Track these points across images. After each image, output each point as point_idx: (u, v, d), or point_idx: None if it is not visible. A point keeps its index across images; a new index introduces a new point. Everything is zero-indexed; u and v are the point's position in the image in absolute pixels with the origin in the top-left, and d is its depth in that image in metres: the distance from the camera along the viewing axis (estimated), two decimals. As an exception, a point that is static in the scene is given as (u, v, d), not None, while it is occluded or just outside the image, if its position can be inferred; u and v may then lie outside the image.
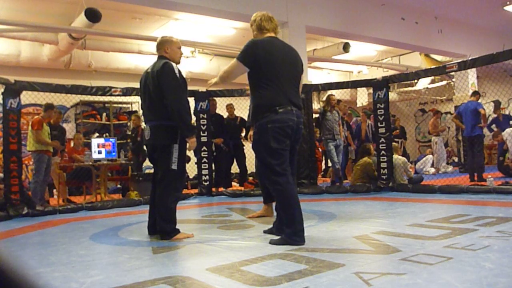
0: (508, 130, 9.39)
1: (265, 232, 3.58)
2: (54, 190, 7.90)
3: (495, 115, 11.40)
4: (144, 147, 5.82)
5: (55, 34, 8.95)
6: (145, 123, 3.68)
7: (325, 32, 9.54)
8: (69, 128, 10.33)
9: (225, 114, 8.48)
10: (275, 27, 3.44)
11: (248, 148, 8.41)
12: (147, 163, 11.84)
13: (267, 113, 3.12)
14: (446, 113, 12.08)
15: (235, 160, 8.37)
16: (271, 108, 3.11)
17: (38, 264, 2.88)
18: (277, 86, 3.17)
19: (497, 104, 10.29)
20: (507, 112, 13.44)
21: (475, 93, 8.35)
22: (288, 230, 3.05)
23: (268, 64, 3.17)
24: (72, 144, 7.99)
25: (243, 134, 8.16)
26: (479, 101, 8.28)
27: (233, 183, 9.11)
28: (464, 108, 8.19)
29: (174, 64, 3.58)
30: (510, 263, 2.30)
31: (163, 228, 3.53)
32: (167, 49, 3.69)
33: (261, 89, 3.15)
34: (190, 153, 5.14)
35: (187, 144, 3.56)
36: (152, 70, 3.60)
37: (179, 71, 3.58)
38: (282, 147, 3.14)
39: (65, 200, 7.20)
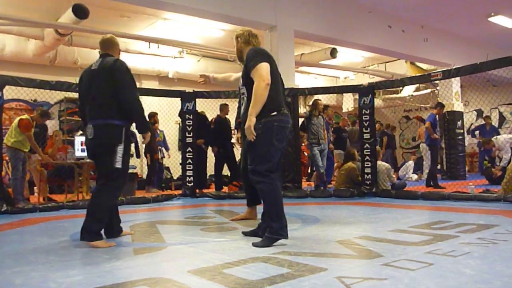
0: (503, 136, 9.52)
1: (245, 234, 3.58)
2: (35, 188, 7.77)
3: (482, 123, 11.61)
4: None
5: (41, 29, 8.82)
6: (87, 122, 3.50)
7: (313, 37, 9.58)
8: (52, 125, 10.19)
9: (213, 114, 8.46)
10: (259, 44, 3.67)
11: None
12: (130, 161, 11.78)
13: (273, 112, 3.27)
14: (423, 120, 12.28)
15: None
16: (277, 109, 3.30)
17: (16, 263, 2.82)
18: (279, 89, 3.42)
19: (479, 113, 10.47)
20: (493, 122, 13.68)
21: (437, 105, 8.64)
22: (276, 225, 3.13)
23: (274, 68, 3.37)
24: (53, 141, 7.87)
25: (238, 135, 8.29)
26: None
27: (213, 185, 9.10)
28: None
29: (125, 62, 3.56)
30: (490, 269, 2.33)
31: (88, 226, 3.29)
32: (120, 52, 3.76)
33: (270, 90, 3.24)
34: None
35: (143, 137, 3.59)
36: (101, 67, 3.48)
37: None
38: (280, 147, 3.31)
39: (45, 198, 7.08)
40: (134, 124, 3.59)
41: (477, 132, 11.64)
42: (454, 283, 2.10)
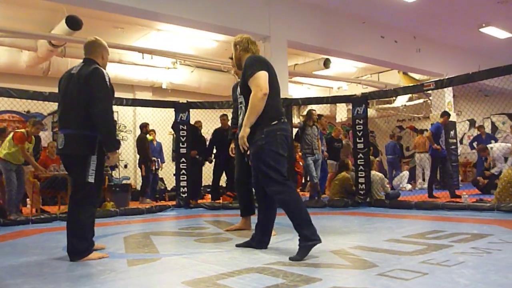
0: (496, 145, 9.61)
1: (238, 246, 3.51)
2: (27, 199, 7.71)
3: (476, 133, 11.69)
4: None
5: (34, 40, 8.82)
6: (59, 130, 3.28)
7: (306, 48, 9.64)
8: (45, 136, 10.14)
9: (208, 126, 8.46)
10: (258, 52, 3.61)
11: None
12: (124, 173, 11.74)
13: (275, 121, 3.20)
14: (423, 130, 12.34)
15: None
16: (278, 117, 3.24)
17: (8, 275, 2.79)
18: (278, 98, 3.37)
19: (472, 123, 10.56)
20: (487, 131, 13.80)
21: (443, 114, 8.57)
22: (308, 232, 3.03)
23: (273, 76, 3.32)
24: (46, 153, 7.83)
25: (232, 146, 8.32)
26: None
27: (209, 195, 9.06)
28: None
29: (105, 71, 3.30)
30: (484, 279, 2.33)
31: (75, 247, 3.16)
32: (104, 55, 3.45)
33: (269, 98, 3.17)
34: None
35: (109, 158, 3.28)
36: (79, 73, 3.25)
37: (109, 78, 3.30)
38: (285, 155, 3.25)
39: (38, 210, 7.03)
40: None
41: (475, 144, 11.75)
42: (449, 292, 2.10)
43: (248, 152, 3.27)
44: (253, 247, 3.35)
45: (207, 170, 8.47)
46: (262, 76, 3.18)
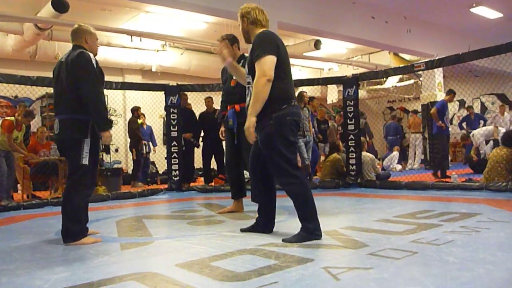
0: (477, 131, 9.75)
1: (242, 230, 3.39)
2: (18, 185, 7.67)
3: (466, 113, 11.77)
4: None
5: (20, 24, 8.65)
6: (55, 116, 3.42)
7: (296, 29, 9.57)
8: (34, 121, 10.03)
9: (200, 108, 8.41)
10: (268, 21, 3.38)
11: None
12: (115, 157, 11.69)
13: (284, 105, 3.01)
14: (414, 111, 12.40)
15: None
16: (288, 101, 3.05)
17: (0, 261, 2.79)
18: (290, 79, 3.16)
19: (462, 103, 10.61)
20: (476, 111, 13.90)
21: (449, 92, 8.46)
22: (312, 225, 2.97)
23: (284, 56, 3.11)
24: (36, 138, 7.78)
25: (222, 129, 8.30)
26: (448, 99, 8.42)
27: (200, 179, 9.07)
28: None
29: (91, 54, 3.37)
30: (473, 257, 2.38)
31: (69, 229, 3.22)
32: (88, 39, 3.49)
33: (278, 80, 2.99)
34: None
35: (102, 138, 3.35)
36: (67, 59, 3.35)
37: (96, 61, 3.36)
38: (296, 141, 3.12)
39: (29, 196, 7.00)
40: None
41: (464, 124, 11.84)
42: (438, 271, 2.14)
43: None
44: (259, 232, 3.29)
45: (197, 153, 8.47)
46: (268, 61, 2.95)
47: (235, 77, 3.91)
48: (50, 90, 9.26)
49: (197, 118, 8.34)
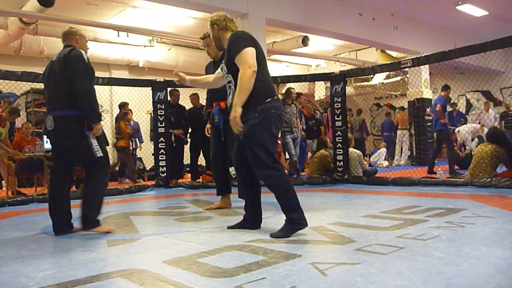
0: (462, 127, 9.87)
1: (230, 227, 3.39)
2: (3, 182, 7.56)
3: (450, 110, 11.89)
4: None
5: (4, 18, 8.51)
6: (48, 112, 3.48)
7: (284, 25, 9.57)
8: (19, 117, 9.90)
9: (186, 105, 8.36)
10: (236, 29, 3.49)
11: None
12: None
13: (268, 99, 3.08)
14: (401, 108, 12.51)
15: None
16: (271, 94, 3.12)
17: (-15, 258, 2.75)
18: (268, 73, 3.23)
19: (448, 100, 10.72)
20: (460, 109, 14.05)
21: (445, 88, 8.41)
22: (296, 215, 3.01)
23: (260, 51, 3.18)
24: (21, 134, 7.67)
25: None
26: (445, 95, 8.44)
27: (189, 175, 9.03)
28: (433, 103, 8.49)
29: (83, 51, 3.51)
30: (458, 252, 2.41)
31: (90, 216, 3.42)
32: (78, 40, 3.63)
33: (258, 74, 3.04)
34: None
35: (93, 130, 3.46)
36: (59, 58, 3.48)
37: (87, 58, 3.50)
38: (278, 135, 3.19)
39: (14, 192, 6.91)
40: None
41: None
42: (424, 265, 2.16)
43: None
44: (246, 228, 3.30)
45: (186, 150, 8.43)
46: (249, 53, 3.03)
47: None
48: (35, 85, 9.20)
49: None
